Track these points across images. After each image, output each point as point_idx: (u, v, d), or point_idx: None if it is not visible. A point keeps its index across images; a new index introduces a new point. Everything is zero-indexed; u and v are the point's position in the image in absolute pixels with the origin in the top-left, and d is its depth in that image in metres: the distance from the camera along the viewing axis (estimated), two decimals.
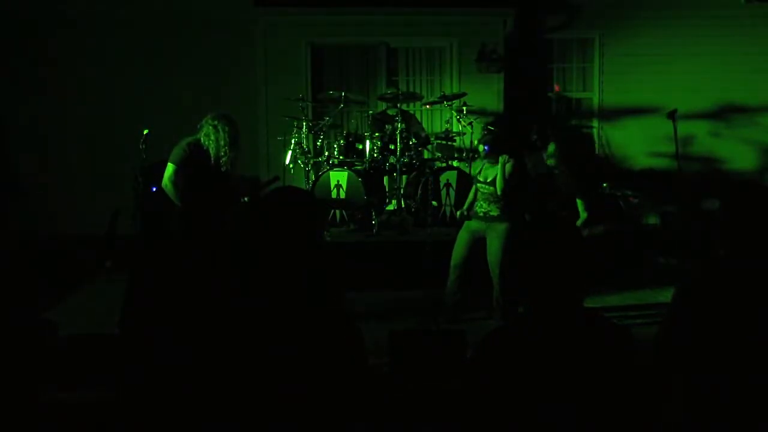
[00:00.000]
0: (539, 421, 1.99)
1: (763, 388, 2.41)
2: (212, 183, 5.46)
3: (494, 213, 5.72)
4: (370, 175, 7.85)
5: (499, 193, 5.63)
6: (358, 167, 7.83)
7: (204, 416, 2.10)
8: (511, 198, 5.68)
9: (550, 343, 2.03)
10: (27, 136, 9.19)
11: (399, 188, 7.73)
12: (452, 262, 5.86)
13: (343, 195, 7.59)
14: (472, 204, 5.94)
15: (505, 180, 5.60)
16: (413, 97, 8.48)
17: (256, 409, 2.01)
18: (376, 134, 7.86)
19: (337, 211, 7.69)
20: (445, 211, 7.77)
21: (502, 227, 5.67)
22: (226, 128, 5.45)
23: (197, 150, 5.44)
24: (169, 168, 5.42)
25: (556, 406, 1.99)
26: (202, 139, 5.46)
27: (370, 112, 8.60)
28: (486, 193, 5.77)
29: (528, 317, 2.13)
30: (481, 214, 5.79)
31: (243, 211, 5.75)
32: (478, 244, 5.82)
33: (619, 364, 2.05)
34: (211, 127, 5.44)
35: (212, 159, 5.43)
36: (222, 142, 5.43)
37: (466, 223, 5.92)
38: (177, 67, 9.20)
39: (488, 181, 5.74)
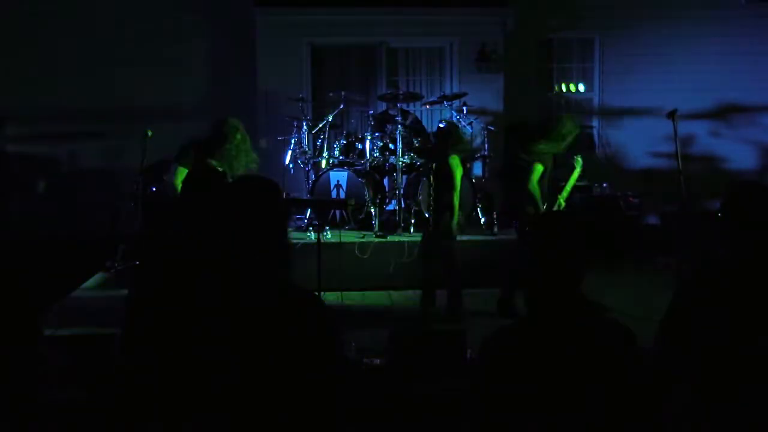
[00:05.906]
0: (543, 421, 1.99)
1: (763, 386, 2.41)
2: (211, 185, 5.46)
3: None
4: (370, 175, 7.84)
5: None
6: (358, 167, 7.82)
7: (202, 415, 2.10)
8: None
9: (553, 343, 2.03)
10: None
11: (399, 188, 7.72)
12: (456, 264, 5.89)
13: (342, 195, 7.57)
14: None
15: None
16: (413, 97, 8.47)
17: (246, 407, 2.01)
18: (376, 134, 7.85)
19: (337, 211, 7.67)
20: None
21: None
22: (237, 135, 5.52)
23: (201, 152, 5.46)
24: (178, 168, 5.47)
25: (560, 406, 1.99)
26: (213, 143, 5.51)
27: (371, 112, 8.59)
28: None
29: (530, 317, 2.12)
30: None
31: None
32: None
33: (622, 364, 2.05)
34: (221, 133, 5.50)
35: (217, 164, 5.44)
36: (228, 147, 5.48)
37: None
38: (177, 67, 9.18)
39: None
